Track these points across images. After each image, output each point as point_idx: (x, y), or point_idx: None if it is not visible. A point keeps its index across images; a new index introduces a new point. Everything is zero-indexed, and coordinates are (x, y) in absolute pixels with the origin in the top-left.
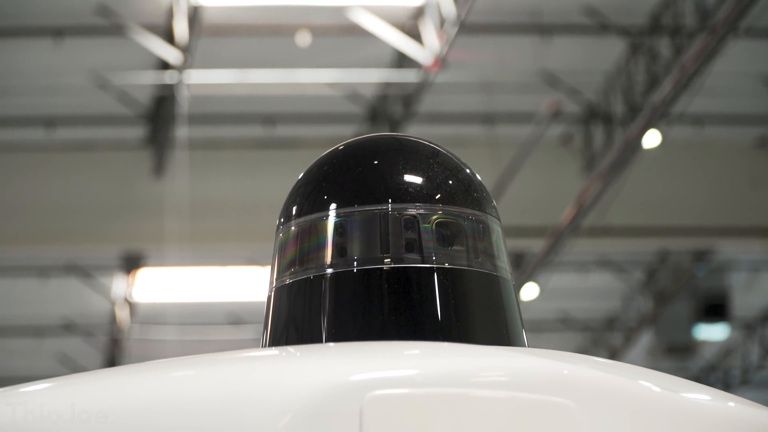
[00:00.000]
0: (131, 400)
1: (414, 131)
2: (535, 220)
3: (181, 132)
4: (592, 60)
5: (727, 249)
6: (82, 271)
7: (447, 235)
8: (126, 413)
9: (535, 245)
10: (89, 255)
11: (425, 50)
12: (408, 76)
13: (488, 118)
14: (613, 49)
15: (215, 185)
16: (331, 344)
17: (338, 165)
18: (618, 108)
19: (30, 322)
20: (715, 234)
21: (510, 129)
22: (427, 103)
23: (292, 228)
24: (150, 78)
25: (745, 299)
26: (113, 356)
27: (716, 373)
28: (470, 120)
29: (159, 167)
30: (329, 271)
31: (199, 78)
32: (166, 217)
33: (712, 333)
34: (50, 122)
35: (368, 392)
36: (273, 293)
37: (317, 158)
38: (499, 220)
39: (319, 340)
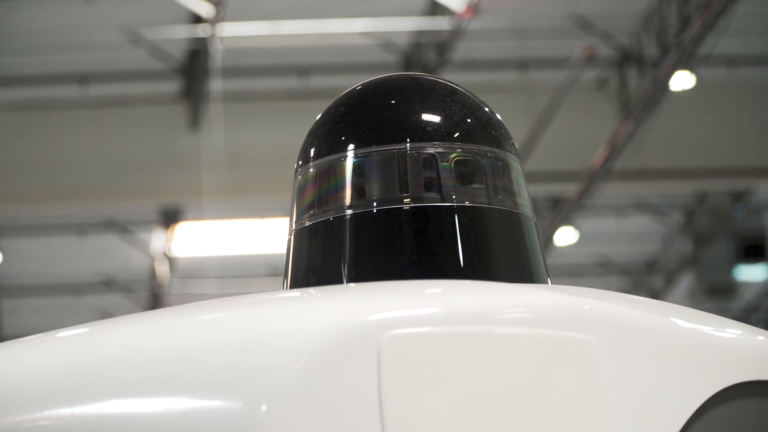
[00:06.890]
0: (144, 349)
1: (448, 78)
2: (572, 164)
3: (216, 85)
4: (624, 3)
5: (766, 189)
6: (121, 227)
7: (466, 173)
8: (139, 361)
9: (573, 190)
10: (127, 211)
11: None
12: (441, 23)
13: (522, 64)
14: None
15: (251, 137)
16: (351, 285)
17: (355, 105)
18: (652, 50)
19: (69, 280)
20: (753, 174)
21: (544, 74)
22: (460, 51)
23: (311, 170)
24: (183, 32)
25: None
26: None
27: (757, 313)
28: (504, 66)
29: (194, 121)
30: (348, 212)
31: (231, 31)
32: (203, 170)
33: (752, 273)
34: (84, 79)
35: (386, 331)
36: (293, 236)
37: (333, 100)
38: (519, 157)
39: (339, 282)
